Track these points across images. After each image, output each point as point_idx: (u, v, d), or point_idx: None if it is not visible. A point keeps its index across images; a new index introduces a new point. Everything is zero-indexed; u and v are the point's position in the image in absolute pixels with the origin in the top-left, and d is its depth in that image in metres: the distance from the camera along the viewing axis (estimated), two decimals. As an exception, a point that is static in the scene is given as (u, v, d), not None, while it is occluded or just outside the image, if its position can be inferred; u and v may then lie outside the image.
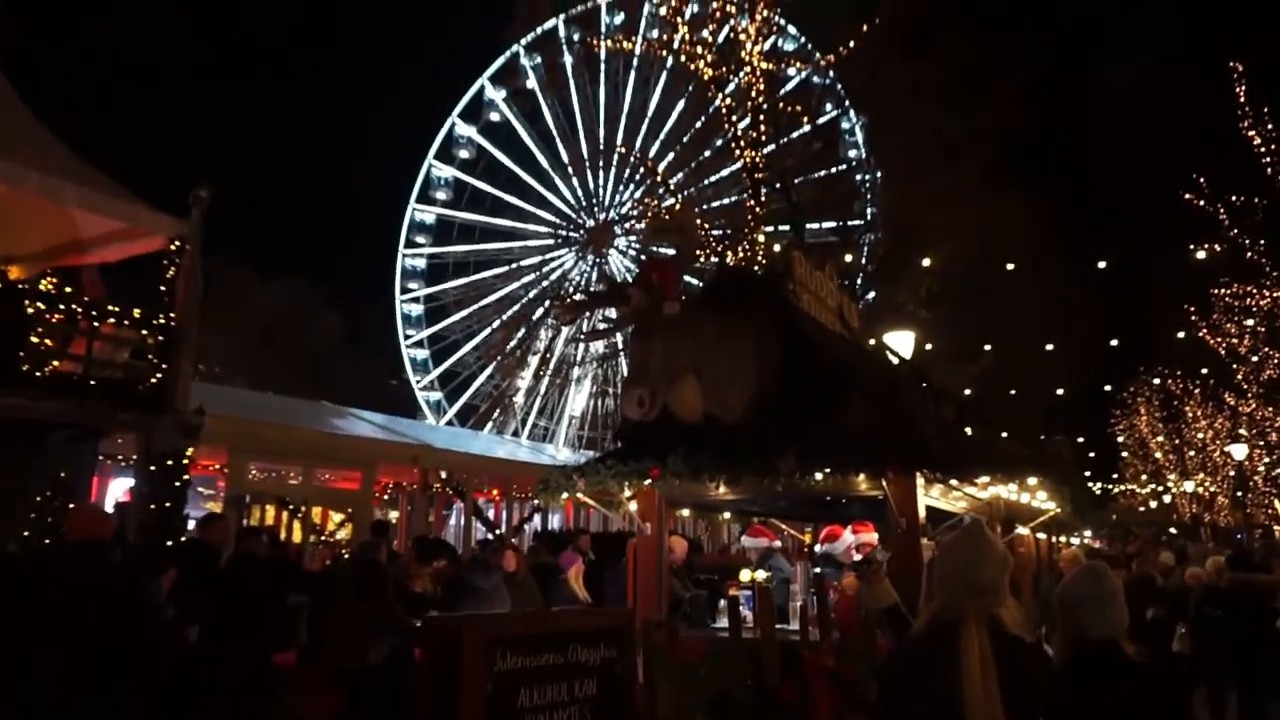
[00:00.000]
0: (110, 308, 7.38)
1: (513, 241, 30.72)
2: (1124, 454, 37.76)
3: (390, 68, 63.12)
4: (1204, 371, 26.60)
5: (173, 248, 7.72)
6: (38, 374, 6.69)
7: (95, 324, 7.27)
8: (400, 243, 30.73)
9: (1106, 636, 2.21)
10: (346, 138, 61.81)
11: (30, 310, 6.77)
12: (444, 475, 13.44)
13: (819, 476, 4.81)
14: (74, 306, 7.12)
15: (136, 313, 7.39)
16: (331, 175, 62.54)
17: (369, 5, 57.14)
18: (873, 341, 8.10)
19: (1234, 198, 18.07)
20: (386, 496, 14.79)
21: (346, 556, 8.99)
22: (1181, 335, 22.50)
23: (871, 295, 16.73)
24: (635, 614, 4.48)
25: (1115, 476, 37.78)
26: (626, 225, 28.17)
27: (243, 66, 58.97)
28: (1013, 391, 20.00)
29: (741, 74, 16.12)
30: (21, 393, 6.51)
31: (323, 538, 11.41)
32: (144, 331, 7.44)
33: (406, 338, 30.40)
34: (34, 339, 6.74)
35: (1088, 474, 28.75)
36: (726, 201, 22.34)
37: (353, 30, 59.30)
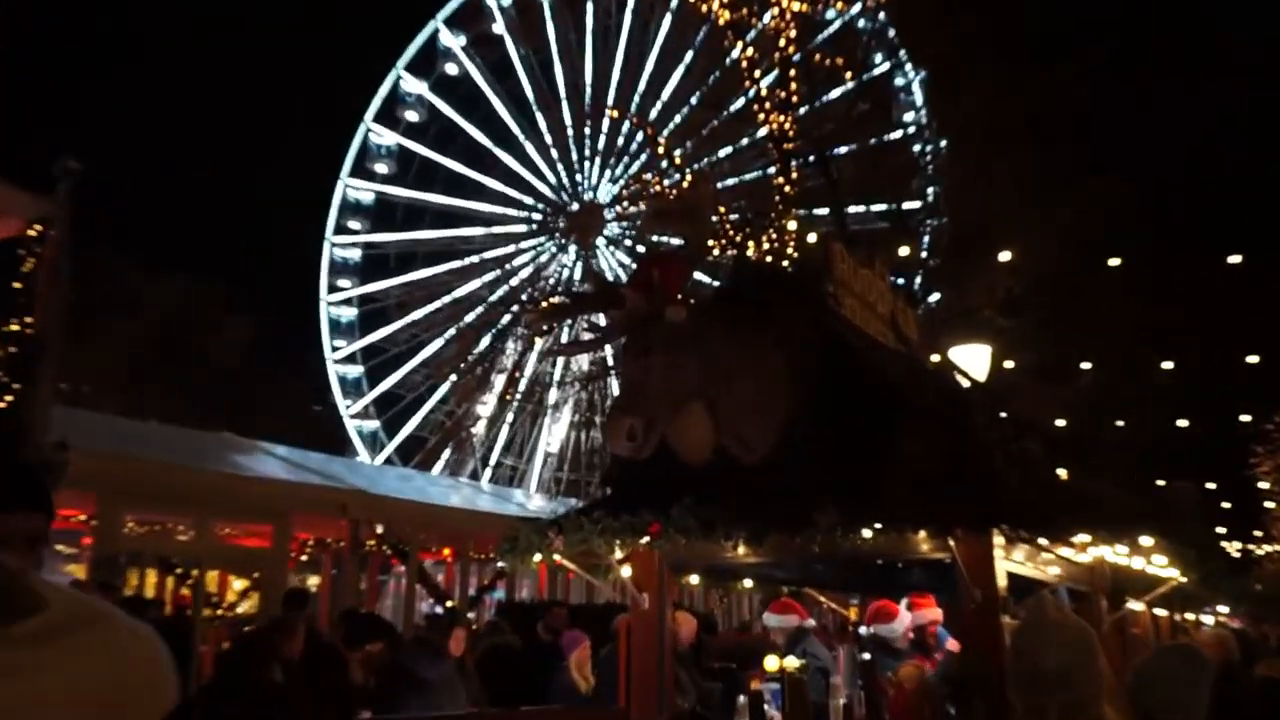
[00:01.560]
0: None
1: (473, 228, 30.76)
2: (1269, 504, 37.34)
3: (320, 5, 63.47)
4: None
5: (32, 233, 7.68)
6: None
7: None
8: (328, 228, 30.71)
9: None
10: (262, 96, 62.08)
11: None
12: (380, 530, 13.53)
13: (867, 534, 4.87)
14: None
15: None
16: (242, 144, 62.47)
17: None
18: (936, 358, 8.21)
19: None
20: (305, 557, 14.81)
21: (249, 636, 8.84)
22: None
23: (934, 298, 16.65)
24: (628, 715, 4.41)
25: (1258, 534, 37.35)
26: (619, 209, 28.43)
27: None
28: (1119, 423, 19.84)
29: (767, 16, 16.17)
30: None
31: (220, 611, 11.32)
32: (-11, 341, 7.43)
33: (334, 350, 30.30)
34: None
35: (1221, 531, 28.47)
36: (747, 179, 22.34)
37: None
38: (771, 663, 5.99)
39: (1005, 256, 15.29)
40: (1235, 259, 19.02)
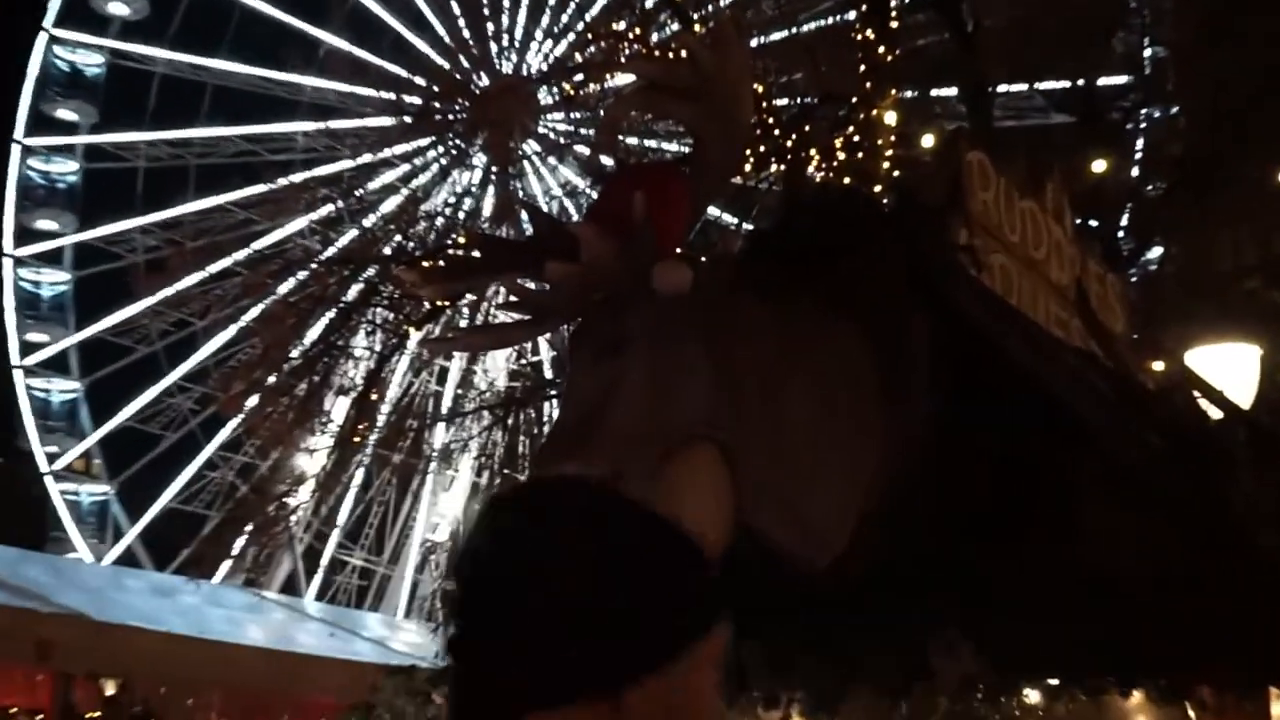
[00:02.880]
0: None
1: (292, 123, 28.22)
2: None
3: None
4: None
5: None
6: None
7: None
8: (15, 126, 27.16)
9: None
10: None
11: None
12: (112, 691, 12.28)
13: (1032, 696, 4.84)
14: None
15: None
16: None
17: None
18: (1159, 365, 7.64)
19: None
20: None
21: None
22: None
23: (1155, 255, 15.10)
24: None
25: None
26: (563, 87, 22.61)
27: None
28: None
29: None
30: None
31: None
32: None
33: (27, 348, 26.67)
34: None
35: None
36: (806, 32, 18.43)
37: None
38: None
39: None
40: None
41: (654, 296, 3.86)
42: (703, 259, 4.40)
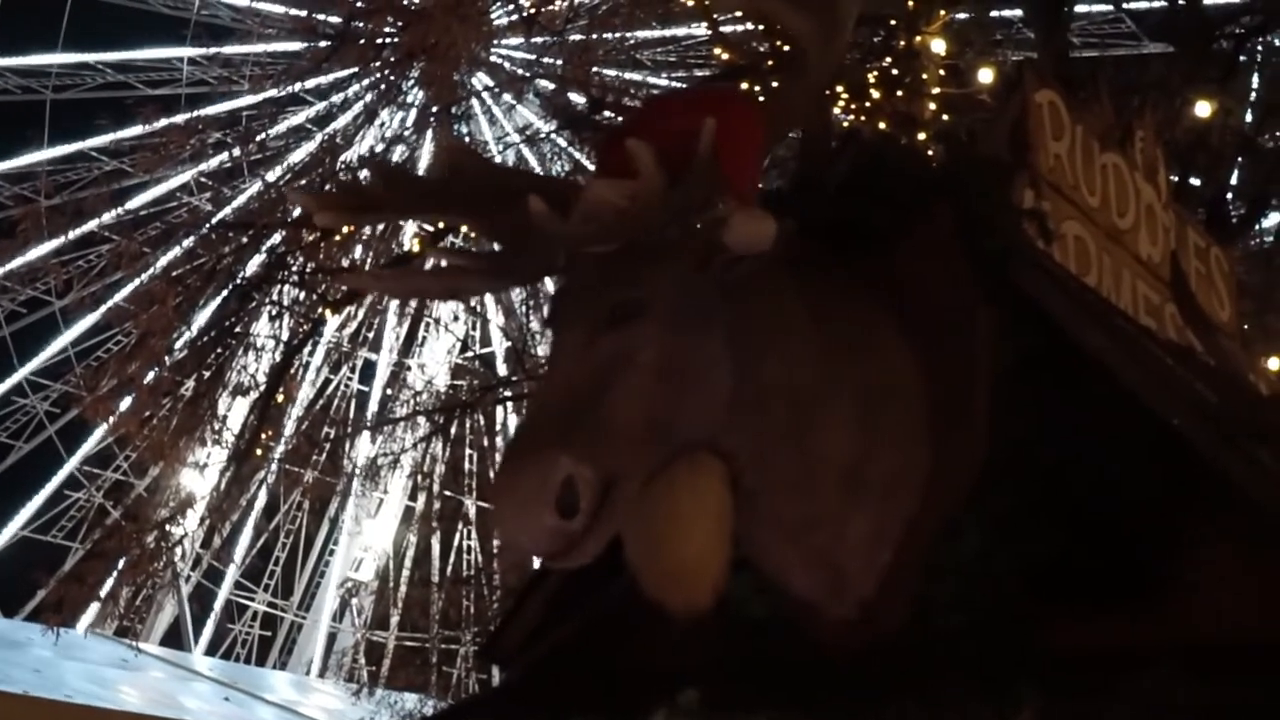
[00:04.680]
0: None
1: (165, 48, 28.75)
2: None
3: None
4: None
5: None
6: None
7: None
8: None
9: None
10: None
11: None
12: None
13: None
14: None
15: None
16: None
17: None
18: (1275, 363, 7.74)
19: None
20: None
21: None
22: None
23: (1274, 222, 15.70)
24: None
25: None
26: (526, 2, 23.04)
27: None
28: None
29: None
30: None
31: None
32: None
33: None
34: None
35: None
36: None
37: None
38: None
39: None
40: None
41: (679, 260, 4.29)
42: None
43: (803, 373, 4.74)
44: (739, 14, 17.00)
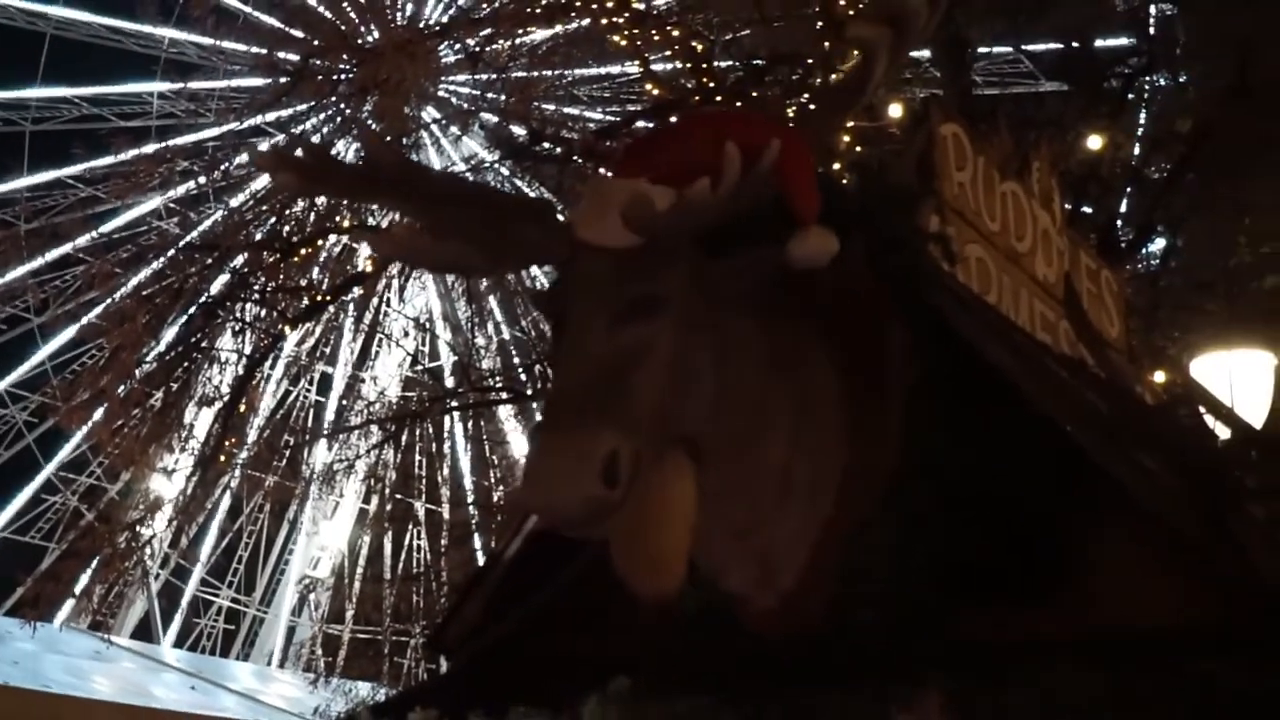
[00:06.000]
0: None
1: (136, 83, 28.37)
2: None
3: None
4: None
5: None
6: None
7: None
8: None
9: None
10: None
11: None
12: None
13: None
14: None
15: None
16: None
17: None
18: (1160, 376, 7.83)
19: None
20: None
21: None
22: None
23: (1159, 246, 15.05)
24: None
25: None
26: (471, 41, 21.32)
27: None
28: None
29: None
30: None
31: None
32: None
33: None
34: None
35: None
36: None
37: None
38: None
39: None
40: None
41: (692, 262, 4.29)
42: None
43: (756, 384, 4.71)
44: (668, 52, 17.18)
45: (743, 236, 4.77)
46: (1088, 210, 12.98)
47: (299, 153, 5.24)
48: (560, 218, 4.87)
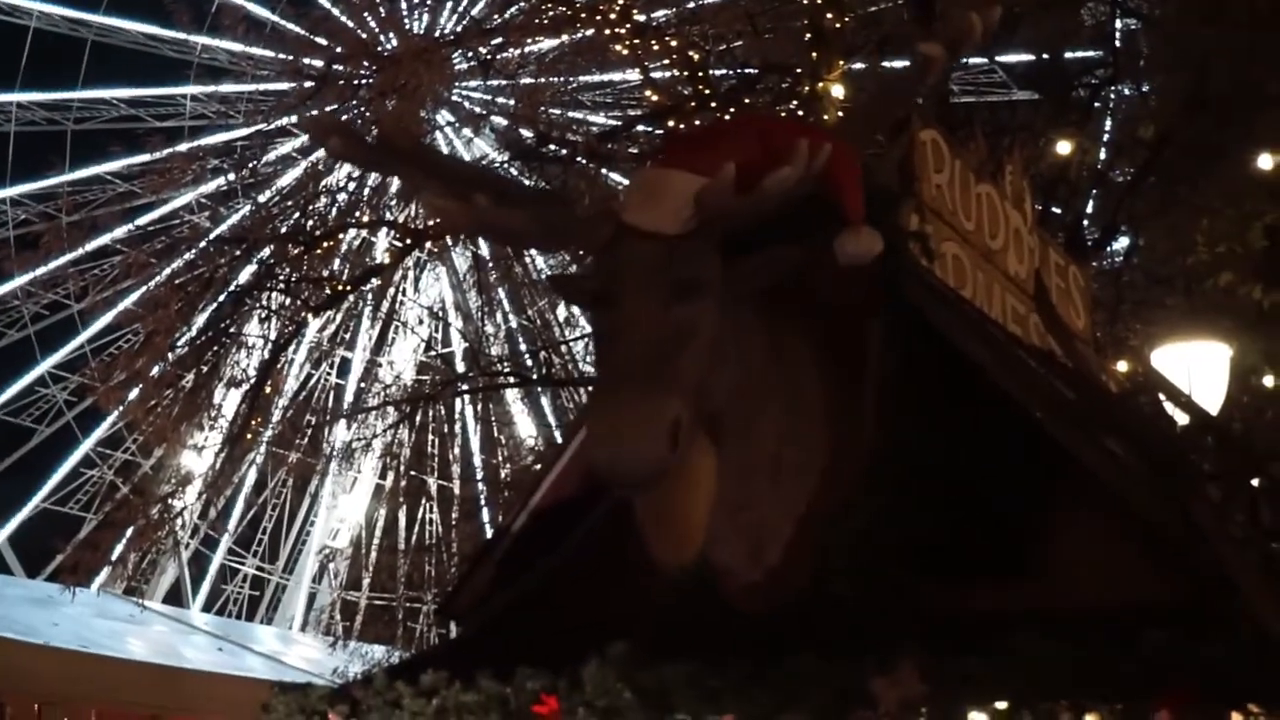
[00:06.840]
0: None
1: (171, 86, 28.27)
2: None
3: None
4: None
5: None
6: None
7: None
8: None
9: None
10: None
11: None
12: None
13: (979, 718, 4.64)
14: None
15: None
16: None
17: None
18: (1123, 366, 7.91)
19: None
20: None
21: None
22: None
23: (1122, 245, 15.08)
24: None
25: None
26: (483, 49, 20.73)
27: None
28: None
29: None
30: None
31: None
32: None
33: None
34: None
35: None
36: None
37: None
38: None
39: (1268, 164, 12.28)
40: None
41: (721, 253, 4.24)
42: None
43: (759, 371, 4.73)
44: (666, 61, 17.09)
45: (758, 237, 4.74)
46: (1057, 210, 13.05)
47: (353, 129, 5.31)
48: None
